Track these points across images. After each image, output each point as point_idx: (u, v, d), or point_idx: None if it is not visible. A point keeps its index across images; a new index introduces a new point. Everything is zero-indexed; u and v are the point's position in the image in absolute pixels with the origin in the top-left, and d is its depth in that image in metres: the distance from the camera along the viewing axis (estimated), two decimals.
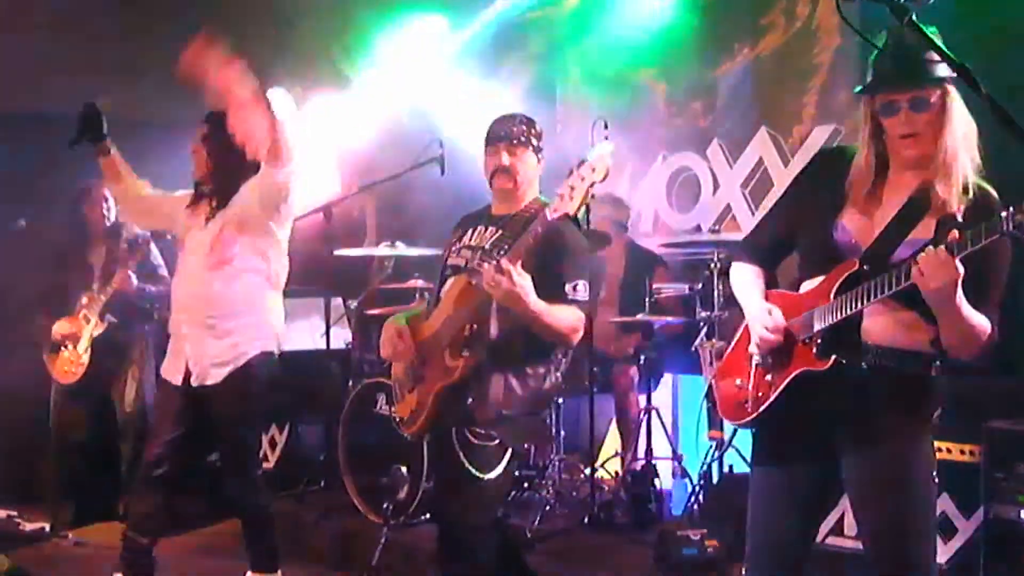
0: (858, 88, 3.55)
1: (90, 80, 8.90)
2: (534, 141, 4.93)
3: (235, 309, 5.51)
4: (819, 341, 3.52)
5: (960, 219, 3.35)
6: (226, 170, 5.63)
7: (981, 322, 3.33)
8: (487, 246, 4.84)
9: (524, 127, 4.92)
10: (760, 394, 3.69)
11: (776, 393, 3.62)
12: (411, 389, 4.87)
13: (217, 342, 5.49)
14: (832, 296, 3.49)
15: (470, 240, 4.97)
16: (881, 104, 3.48)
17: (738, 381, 3.81)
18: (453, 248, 5.03)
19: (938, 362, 3.50)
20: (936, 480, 3.55)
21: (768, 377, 3.68)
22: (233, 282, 5.50)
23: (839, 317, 3.45)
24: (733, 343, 3.97)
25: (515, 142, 4.89)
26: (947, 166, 3.41)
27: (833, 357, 3.46)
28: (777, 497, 3.77)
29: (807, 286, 3.67)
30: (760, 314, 3.70)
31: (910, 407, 3.51)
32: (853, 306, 3.41)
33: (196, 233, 5.65)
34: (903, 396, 3.49)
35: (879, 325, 3.47)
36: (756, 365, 3.73)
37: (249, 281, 5.54)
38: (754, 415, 3.70)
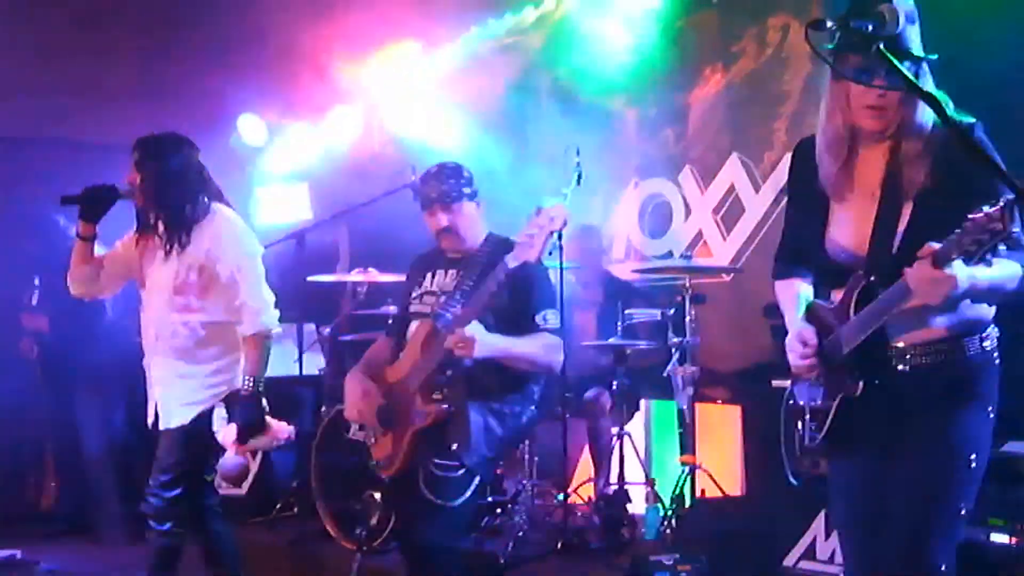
0: (830, 45, 3.22)
1: (54, 101, 8.92)
2: (466, 189, 5.08)
3: None
4: (850, 364, 3.38)
5: (937, 188, 3.25)
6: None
7: (1008, 273, 3.14)
8: (450, 289, 4.99)
9: (453, 180, 5.07)
10: (816, 423, 3.54)
11: (829, 421, 3.46)
12: (384, 432, 4.95)
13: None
14: (852, 314, 3.36)
15: (431, 285, 5.15)
16: (853, 68, 3.25)
17: (800, 403, 3.63)
18: (414, 295, 5.22)
19: (988, 330, 3.38)
20: (975, 465, 3.33)
21: (820, 402, 3.53)
22: None
23: (863, 336, 3.32)
24: None
25: (448, 200, 5.05)
26: (915, 147, 3.30)
27: (861, 384, 3.34)
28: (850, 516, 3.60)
29: (835, 296, 3.51)
30: (792, 342, 3.55)
31: (950, 393, 3.34)
32: (872, 324, 3.28)
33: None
34: (942, 385, 3.33)
35: (903, 324, 3.31)
36: (809, 391, 3.58)
37: None
38: (816, 444, 3.53)
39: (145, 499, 5.33)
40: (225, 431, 5.21)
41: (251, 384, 5.20)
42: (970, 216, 2.85)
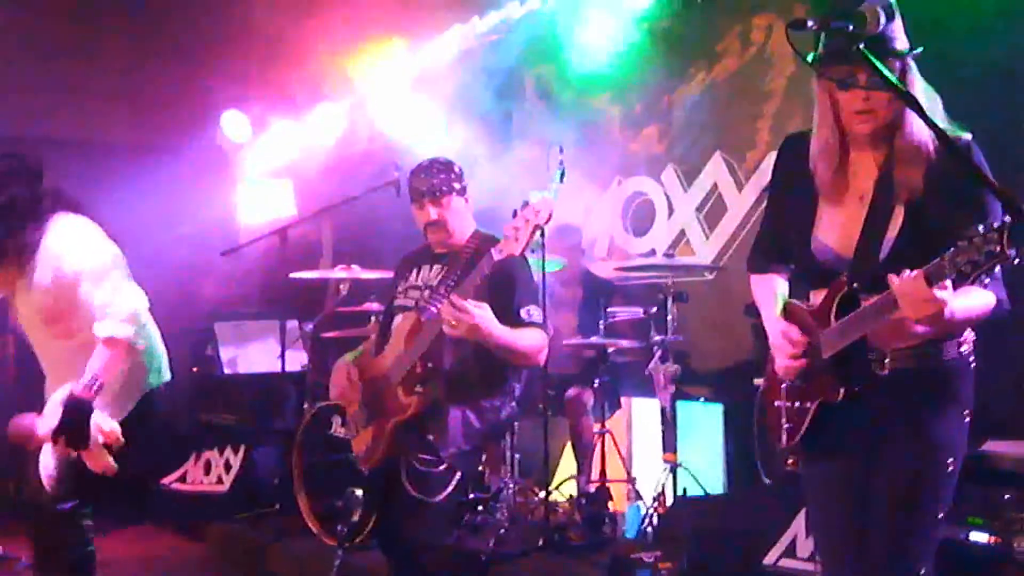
0: (810, 56, 3.24)
1: (39, 99, 8.90)
2: (456, 185, 5.10)
3: None
4: (830, 369, 3.35)
5: (929, 195, 3.23)
6: None
7: (982, 302, 3.16)
8: (434, 283, 5.02)
9: (444, 175, 5.09)
10: (791, 425, 3.51)
11: (807, 422, 3.44)
12: (366, 425, 4.97)
13: None
14: (833, 319, 3.33)
15: (416, 280, 5.18)
16: (837, 76, 3.24)
17: (776, 403, 3.59)
18: (399, 289, 5.26)
19: (965, 335, 3.37)
20: (951, 469, 3.34)
21: (797, 404, 3.49)
22: None
23: (845, 343, 3.29)
24: (768, 365, 3.70)
25: (438, 194, 5.06)
26: (908, 148, 3.25)
27: (843, 390, 3.30)
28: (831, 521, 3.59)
29: (814, 297, 3.50)
30: (778, 340, 3.51)
31: (928, 397, 3.34)
32: (855, 332, 3.25)
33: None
34: (920, 388, 3.33)
35: (886, 329, 3.23)
36: (785, 391, 3.54)
37: None
38: (789, 446, 3.52)
39: None
40: (43, 420, 4.78)
41: (90, 385, 4.69)
42: (964, 235, 2.79)
